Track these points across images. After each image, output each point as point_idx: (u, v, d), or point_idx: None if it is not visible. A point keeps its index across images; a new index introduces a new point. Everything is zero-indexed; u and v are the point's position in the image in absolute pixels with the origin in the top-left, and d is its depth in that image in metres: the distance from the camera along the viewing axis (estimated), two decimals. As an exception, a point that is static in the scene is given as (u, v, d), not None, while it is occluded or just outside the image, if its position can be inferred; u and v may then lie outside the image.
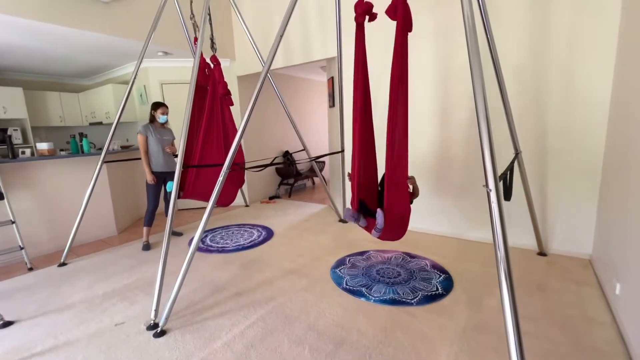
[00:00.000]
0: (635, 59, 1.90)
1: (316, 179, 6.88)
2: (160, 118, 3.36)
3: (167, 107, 3.42)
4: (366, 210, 2.25)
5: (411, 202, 2.33)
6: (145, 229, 3.43)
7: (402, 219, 2.15)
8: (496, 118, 2.65)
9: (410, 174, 2.17)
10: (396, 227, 2.16)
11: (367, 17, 2.12)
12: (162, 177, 3.43)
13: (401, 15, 1.84)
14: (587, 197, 2.64)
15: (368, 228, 2.21)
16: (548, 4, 2.59)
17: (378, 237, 2.15)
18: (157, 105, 3.37)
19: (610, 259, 2.13)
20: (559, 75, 2.63)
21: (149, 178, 3.31)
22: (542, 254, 2.82)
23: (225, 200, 3.27)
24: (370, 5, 2.09)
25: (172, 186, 2.31)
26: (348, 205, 2.28)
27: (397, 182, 2.03)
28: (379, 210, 2.02)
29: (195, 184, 3.17)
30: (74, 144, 3.54)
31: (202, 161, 3.16)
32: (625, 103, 2.06)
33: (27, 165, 3.19)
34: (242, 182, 3.49)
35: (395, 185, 2.03)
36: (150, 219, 3.43)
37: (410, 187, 2.27)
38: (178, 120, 4.77)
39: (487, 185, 1.23)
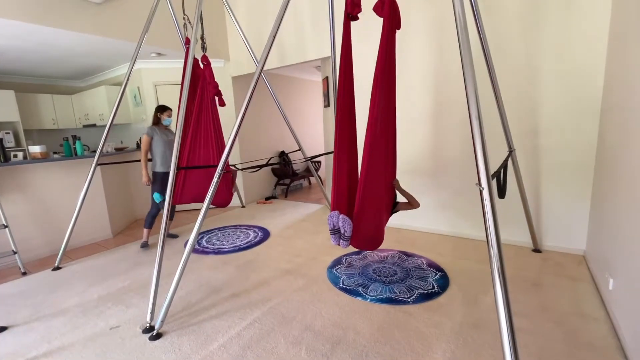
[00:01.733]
0: (625, 58, 1.92)
1: (312, 179, 6.88)
2: (166, 121, 3.45)
3: (172, 110, 3.51)
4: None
5: (393, 212, 2.27)
6: (145, 230, 3.45)
7: (376, 228, 2.05)
8: (490, 116, 2.66)
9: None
10: (369, 236, 2.05)
11: (354, 12, 2.05)
12: (167, 178, 3.44)
13: (388, 11, 1.83)
14: (580, 193, 2.66)
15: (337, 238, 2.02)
16: (540, 3, 2.61)
17: (351, 246, 2.02)
18: (163, 109, 3.46)
19: (603, 254, 2.15)
20: (552, 74, 2.65)
21: (145, 179, 3.30)
22: (536, 250, 2.84)
23: (220, 200, 3.26)
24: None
25: (159, 197, 2.33)
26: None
27: (372, 188, 1.91)
28: (341, 216, 1.88)
29: (183, 188, 3.16)
30: (67, 146, 3.51)
31: (190, 163, 3.14)
32: (616, 101, 2.08)
33: (19, 169, 3.16)
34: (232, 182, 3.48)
35: (370, 191, 1.90)
36: (151, 221, 3.46)
37: (405, 198, 2.22)
38: (172, 122, 4.75)
39: (479, 183, 1.24)
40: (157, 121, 3.43)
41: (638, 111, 1.62)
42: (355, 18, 2.03)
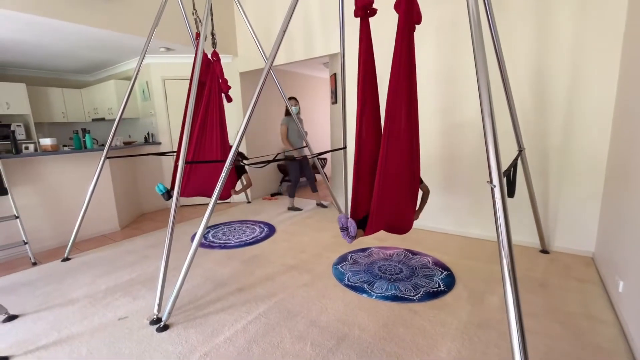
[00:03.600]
0: (639, 60, 1.89)
1: (318, 176, 6.87)
2: (294, 109, 4.03)
3: (295, 99, 4.14)
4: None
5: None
6: (290, 199, 4.47)
7: (399, 213, 2.11)
8: (500, 115, 2.63)
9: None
10: (393, 221, 2.13)
11: (367, 12, 2.07)
12: (297, 160, 4.22)
13: (403, 9, 1.81)
14: (590, 194, 2.62)
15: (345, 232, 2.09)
16: (553, 3, 2.56)
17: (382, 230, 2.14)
18: (289, 99, 4.00)
19: (613, 256, 2.13)
20: (564, 74, 2.61)
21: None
22: (544, 251, 2.81)
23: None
24: (371, 0, 2.05)
25: (162, 188, 2.54)
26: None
27: (390, 183, 1.95)
28: (350, 219, 1.98)
29: (188, 182, 3.17)
30: (77, 139, 3.55)
31: (196, 157, 3.15)
32: (629, 103, 2.04)
33: (30, 161, 3.21)
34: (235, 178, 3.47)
35: (388, 188, 1.95)
36: (293, 191, 4.43)
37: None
38: (180, 116, 4.78)
39: (491, 181, 1.23)
40: (288, 111, 3.99)
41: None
42: (369, 15, 2.04)
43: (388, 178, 1.94)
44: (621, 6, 2.33)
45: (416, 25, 1.89)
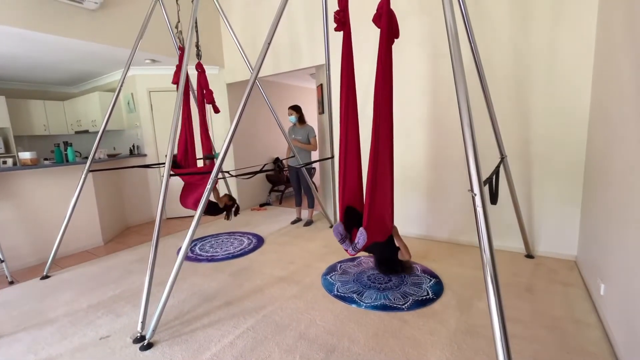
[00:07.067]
0: (610, 68, 1.98)
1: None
2: (290, 119, 4.02)
3: (292, 108, 3.97)
4: (355, 215, 2.25)
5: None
6: (296, 208, 4.35)
7: (385, 218, 2.17)
8: (483, 123, 2.70)
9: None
10: (379, 228, 2.19)
11: (345, 25, 2.16)
12: (293, 170, 4.07)
13: (385, 22, 1.87)
14: (571, 199, 2.70)
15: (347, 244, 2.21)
16: (530, 14, 2.67)
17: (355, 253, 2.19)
18: (288, 108, 4.02)
19: (594, 259, 2.18)
20: (541, 83, 2.70)
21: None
22: (529, 256, 2.86)
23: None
24: (344, 16, 2.12)
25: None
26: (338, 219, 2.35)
27: (378, 194, 2.03)
28: (361, 229, 2.03)
29: (189, 194, 3.14)
30: (59, 153, 3.46)
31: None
32: (603, 109, 2.13)
33: (8, 175, 3.10)
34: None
35: (378, 198, 2.04)
36: (298, 200, 4.30)
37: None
38: (166, 128, 4.73)
39: (472, 189, 1.25)
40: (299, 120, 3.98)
41: (622, 120, 1.66)
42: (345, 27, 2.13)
43: (378, 178, 2.03)
44: (591, 17, 2.44)
45: (403, 36, 1.97)
